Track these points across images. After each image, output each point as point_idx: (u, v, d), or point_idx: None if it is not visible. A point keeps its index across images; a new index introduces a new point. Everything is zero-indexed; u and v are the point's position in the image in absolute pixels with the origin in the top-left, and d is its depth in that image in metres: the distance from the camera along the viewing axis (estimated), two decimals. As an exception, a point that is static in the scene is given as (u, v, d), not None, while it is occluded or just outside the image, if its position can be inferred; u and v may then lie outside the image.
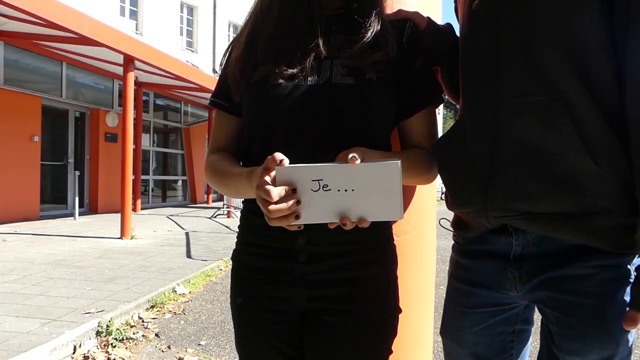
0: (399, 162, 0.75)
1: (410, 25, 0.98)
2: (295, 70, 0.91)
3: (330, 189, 0.75)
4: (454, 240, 1.04)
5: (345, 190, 0.75)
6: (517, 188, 0.80)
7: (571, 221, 0.78)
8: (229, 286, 1.05)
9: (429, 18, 1.02)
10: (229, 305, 1.04)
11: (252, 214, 0.98)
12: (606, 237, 0.76)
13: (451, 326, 0.99)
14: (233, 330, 1.04)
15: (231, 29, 16.95)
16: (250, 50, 0.97)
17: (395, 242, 1.01)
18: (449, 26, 1.06)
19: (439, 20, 1.31)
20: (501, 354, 0.95)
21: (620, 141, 0.75)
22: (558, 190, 0.77)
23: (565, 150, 0.76)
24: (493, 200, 0.83)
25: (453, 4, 1.05)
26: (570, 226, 0.78)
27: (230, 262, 1.06)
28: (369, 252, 0.94)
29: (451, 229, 1.03)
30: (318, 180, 0.75)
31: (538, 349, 0.94)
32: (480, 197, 0.85)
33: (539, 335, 0.94)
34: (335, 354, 0.91)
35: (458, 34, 0.98)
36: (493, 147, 0.83)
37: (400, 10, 1.03)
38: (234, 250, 1.03)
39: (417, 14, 1.02)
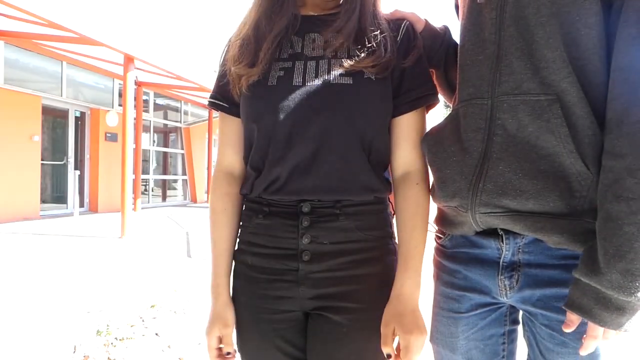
0: None
1: (406, 24, 0.98)
2: (285, 71, 0.91)
3: None
4: (436, 242, 1.02)
5: None
6: (507, 185, 0.80)
7: (557, 221, 0.77)
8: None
9: (426, 20, 1.02)
10: (230, 304, 1.04)
11: (254, 213, 0.98)
12: (589, 240, 0.75)
13: (442, 333, 0.98)
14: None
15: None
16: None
17: (396, 241, 1.01)
18: (446, 28, 1.05)
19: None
20: (495, 356, 0.95)
21: None
22: (547, 189, 0.77)
23: (557, 152, 0.76)
24: (482, 195, 0.82)
25: (453, 1, 1.05)
26: (555, 226, 0.77)
27: (231, 262, 1.05)
28: (371, 250, 0.94)
29: (434, 229, 1.01)
30: None
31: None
32: (469, 191, 0.84)
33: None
34: (338, 352, 0.91)
35: (454, 35, 0.98)
36: (487, 143, 0.82)
37: (396, 11, 1.03)
38: (236, 250, 1.03)
39: (414, 15, 1.02)
